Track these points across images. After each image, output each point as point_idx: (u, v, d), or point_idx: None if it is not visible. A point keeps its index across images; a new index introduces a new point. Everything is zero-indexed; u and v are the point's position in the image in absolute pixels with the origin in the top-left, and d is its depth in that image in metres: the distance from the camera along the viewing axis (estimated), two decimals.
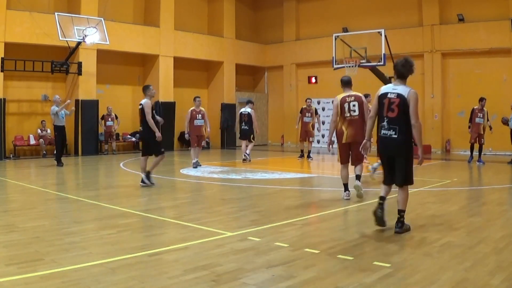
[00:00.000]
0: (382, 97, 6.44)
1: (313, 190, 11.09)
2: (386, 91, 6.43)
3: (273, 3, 27.35)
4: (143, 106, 10.76)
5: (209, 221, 7.33)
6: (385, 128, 6.40)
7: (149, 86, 11.24)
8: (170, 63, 22.68)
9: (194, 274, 4.69)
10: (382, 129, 6.45)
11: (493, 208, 8.40)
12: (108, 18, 19.76)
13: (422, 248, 5.63)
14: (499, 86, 19.96)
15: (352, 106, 8.90)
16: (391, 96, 6.34)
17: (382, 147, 6.56)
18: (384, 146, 6.52)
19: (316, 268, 4.88)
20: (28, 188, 11.04)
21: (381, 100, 6.45)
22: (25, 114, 19.08)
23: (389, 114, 6.34)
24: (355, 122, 8.91)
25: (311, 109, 17.65)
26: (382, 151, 6.63)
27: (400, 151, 6.37)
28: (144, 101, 10.84)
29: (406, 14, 22.41)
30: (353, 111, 8.90)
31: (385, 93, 6.44)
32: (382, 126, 6.45)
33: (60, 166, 15.28)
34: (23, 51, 18.38)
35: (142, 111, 10.80)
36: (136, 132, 22.60)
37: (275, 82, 27.55)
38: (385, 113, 6.38)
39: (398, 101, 6.26)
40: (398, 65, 6.50)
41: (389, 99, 6.36)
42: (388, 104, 6.34)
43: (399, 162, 6.40)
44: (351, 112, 8.91)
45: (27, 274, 4.61)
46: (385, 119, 6.38)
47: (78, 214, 7.94)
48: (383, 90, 6.53)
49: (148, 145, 11.01)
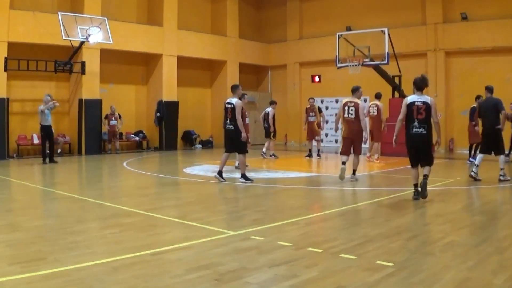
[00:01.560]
0: (411, 105, 8.62)
1: (316, 189, 11.07)
2: (413, 100, 8.63)
3: (277, 2, 27.32)
4: (235, 106, 11.01)
5: (212, 220, 7.33)
6: (416, 127, 8.56)
7: (238, 86, 11.59)
8: (173, 63, 22.68)
9: (197, 273, 4.69)
10: (414, 128, 8.58)
11: (496, 207, 8.39)
12: (112, 17, 19.77)
13: (425, 247, 5.62)
14: (502, 85, 19.85)
15: (350, 110, 11.26)
16: (418, 104, 8.56)
17: (412, 140, 8.66)
18: (414, 139, 8.63)
19: (319, 267, 4.88)
20: (31, 188, 11.06)
21: (410, 107, 8.64)
22: (29, 114, 19.10)
23: (419, 116, 8.53)
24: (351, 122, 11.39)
25: (314, 108, 17.71)
26: (411, 143, 8.70)
27: (428, 142, 8.64)
28: (235, 100, 11.13)
29: (410, 13, 22.36)
30: (351, 114, 11.27)
31: (412, 102, 8.65)
32: (413, 126, 8.58)
33: (45, 164, 15.54)
34: (26, 50, 18.41)
35: (233, 110, 11.01)
36: (140, 131, 22.66)
37: (279, 81, 27.54)
38: (415, 116, 8.55)
39: (425, 107, 8.50)
40: (417, 81, 8.77)
41: (417, 106, 8.56)
42: (417, 110, 8.53)
43: (425, 150, 8.66)
44: (349, 115, 11.35)
45: (30, 273, 4.62)
46: (416, 120, 8.55)
47: (81, 213, 7.95)
48: (410, 99, 8.72)
49: (234, 143, 11.22)
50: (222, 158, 11.49)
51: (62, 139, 19.57)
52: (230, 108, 11.11)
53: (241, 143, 11.13)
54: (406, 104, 8.71)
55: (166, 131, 22.40)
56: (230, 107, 11.11)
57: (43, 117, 15.78)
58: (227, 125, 11.19)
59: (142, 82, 23.21)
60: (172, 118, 22.48)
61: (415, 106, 8.58)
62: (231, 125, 11.10)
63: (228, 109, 11.11)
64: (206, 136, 24.47)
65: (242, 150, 11.27)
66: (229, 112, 11.11)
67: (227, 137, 11.45)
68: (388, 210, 8.35)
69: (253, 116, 26.79)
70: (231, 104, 11.12)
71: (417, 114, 8.55)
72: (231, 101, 11.11)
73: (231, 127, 11.12)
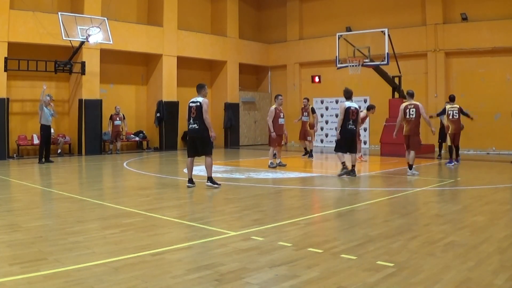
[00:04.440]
0: (348, 109, 12.29)
1: (316, 190, 11.08)
2: (406, 104, 12.69)
3: (277, 2, 27.35)
4: (201, 104, 10.26)
5: (212, 220, 7.33)
6: (351, 124, 12.36)
7: (204, 85, 10.74)
8: (173, 63, 22.70)
9: (197, 274, 4.68)
10: (349, 125, 12.33)
11: (496, 207, 8.38)
12: (112, 17, 19.79)
13: (425, 247, 5.62)
14: (502, 86, 19.92)
15: (411, 111, 12.74)
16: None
17: (348, 133, 12.38)
18: (349, 133, 12.40)
19: (319, 268, 4.87)
20: (31, 188, 11.06)
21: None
22: (29, 114, 19.11)
23: (352, 117, 12.34)
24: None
25: (308, 108, 17.65)
26: (346, 135, 12.36)
27: (355, 134, 12.62)
28: (202, 99, 10.36)
29: (410, 13, 22.39)
30: (412, 114, 12.69)
31: (349, 107, 12.34)
32: (348, 123, 12.34)
33: (42, 163, 15.67)
34: (26, 50, 18.43)
35: (198, 108, 10.25)
36: (140, 132, 22.66)
37: (279, 81, 27.55)
38: (350, 117, 12.31)
39: (356, 111, 12.46)
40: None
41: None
42: (351, 112, 12.31)
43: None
44: (410, 116, 12.71)
45: (30, 273, 4.61)
46: (350, 120, 12.33)
47: (81, 213, 7.94)
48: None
49: (198, 145, 10.40)
50: (188, 165, 10.62)
51: (62, 139, 19.57)
52: (195, 107, 10.28)
53: (206, 144, 10.37)
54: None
55: (166, 132, 22.42)
56: (195, 105, 10.28)
57: (43, 116, 15.78)
58: (190, 125, 10.39)
59: (142, 82, 23.22)
60: (172, 118, 22.49)
61: (351, 110, 12.29)
62: (195, 125, 10.28)
63: (192, 108, 10.33)
64: None
65: (208, 152, 10.42)
66: (193, 111, 10.29)
67: (190, 139, 10.55)
68: (388, 210, 8.35)
69: (252, 116, 26.83)
70: (196, 103, 10.29)
71: (351, 116, 12.24)
72: (197, 99, 10.32)
73: (195, 126, 10.29)
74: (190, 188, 10.47)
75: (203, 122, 10.23)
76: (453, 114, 15.08)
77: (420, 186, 10.77)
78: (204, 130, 10.26)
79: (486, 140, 20.22)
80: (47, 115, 15.95)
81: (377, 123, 21.07)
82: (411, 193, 9.97)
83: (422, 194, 9.90)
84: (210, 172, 10.54)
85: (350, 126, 12.26)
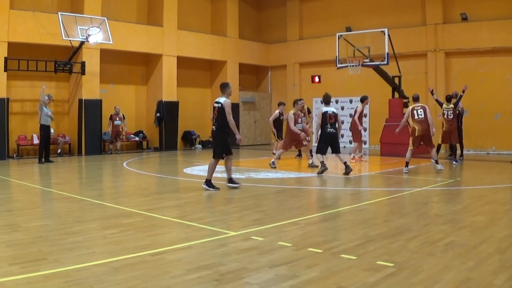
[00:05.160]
0: (325, 113, 12.65)
1: (316, 190, 11.08)
2: (326, 110, 12.69)
3: (277, 2, 27.34)
4: (223, 105, 10.40)
5: (212, 220, 7.33)
6: (329, 127, 12.65)
7: (228, 84, 11.07)
8: (173, 63, 22.70)
9: (197, 274, 4.68)
10: (328, 129, 12.65)
11: (496, 207, 8.38)
12: (112, 17, 19.79)
13: (425, 247, 5.62)
14: (502, 86, 19.92)
15: (419, 112, 13.19)
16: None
17: (328, 137, 12.72)
18: (329, 136, 12.72)
19: (319, 268, 4.87)
20: (31, 188, 11.06)
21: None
22: (29, 114, 19.11)
23: (330, 121, 12.59)
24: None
25: (304, 109, 17.51)
26: (326, 140, 12.74)
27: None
28: (224, 99, 10.54)
29: (410, 13, 22.38)
30: (420, 115, 13.13)
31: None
32: (327, 127, 12.65)
33: (41, 163, 15.72)
34: (26, 50, 18.43)
35: (220, 110, 10.37)
36: (140, 132, 22.65)
37: (279, 81, 27.55)
38: (327, 121, 12.59)
39: (334, 115, 12.71)
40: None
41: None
42: (329, 116, 12.60)
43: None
44: (419, 116, 13.14)
45: (30, 273, 4.61)
46: (328, 123, 12.61)
47: (81, 213, 7.94)
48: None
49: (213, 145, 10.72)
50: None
51: (62, 139, 19.57)
52: (217, 108, 10.33)
53: (218, 146, 10.42)
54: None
55: (166, 132, 22.41)
56: (217, 106, 10.33)
57: (43, 116, 15.79)
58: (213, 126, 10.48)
59: (142, 82, 23.23)
60: (172, 118, 22.49)
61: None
62: (213, 126, 10.45)
63: (214, 108, 10.35)
64: (206, 136, 24.41)
65: (216, 154, 10.39)
66: (215, 112, 10.36)
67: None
68: (388, 210, 8.35)
69: (252, 116, 26.82)
70: (218, 104, 10.35)
71: (329, 119, 12.53)
72: (220, 100, 10.34)
73: (213, 128, 10.49)
74: (206, 190, 10.20)
75: (221, 124, 10.28)
76: (448, 114, 15.58)
77: (420, 186, 10.76)
78: (218, 131, 10.34)
79: (486, 140, 20.21)
80: (45, 114, 15.94)
81: (377, 123, 21.08)
82: (411, 193, 9.97)
83: (422, 194, 9.90)
84: (209, 175, 10.37)
85: (329, 129, 12.60)
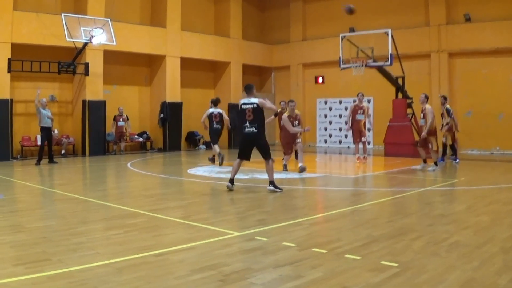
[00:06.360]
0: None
1: (320, 190, 11.07)
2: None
3: (280, 3, 27.34)
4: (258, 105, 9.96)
5: (216, 221, 7.33)
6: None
7: (253, 86, 10.42)
8: (177, 64, 22.72)
9: (201, 274, 4.68)
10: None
11: (500, 207, 8.36)
12: (115, 18, 19.79)
13: (429, 247, 5.61)
14: (506, 86, 19.88)
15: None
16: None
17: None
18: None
19: (323, 268, 4.87)
20: (35, 189, 11.08)
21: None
22: (32, 115, 19.06)
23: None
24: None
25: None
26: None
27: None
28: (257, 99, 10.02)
29: (413, 14, 22.36)
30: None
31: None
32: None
33: (38, 165, 15.53)
34: (30, 52, 18.45)
35: (255, 110, 9.97)
36: (144, 132, 22.68)
37: (282, 82, 27.54)
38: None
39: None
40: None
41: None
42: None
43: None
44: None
45: (34, 274, 4.62)
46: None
47: (85, 214, 7.95)
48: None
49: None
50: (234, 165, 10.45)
51: (66, 140, 19.60)
52: (251, 109, 9.91)
53: (267, 146, 10.17)
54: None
55: (170, 132, 22.43)
56: (252, 107, 9.91)
57: (42, 119, 15.71)
58: (246, 128, 9.97)
59: (145, 83, 23.26)
60: (175, 119, 22.51)
61: (214, 115, 11.22)
62: (253, 128, 9.94)
63: (246, 110, 9.94)
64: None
65: (269, 155, 10.18)
66: (249, 113, 9.92)
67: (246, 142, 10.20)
68: (392, 210, 8.34)
69: None
70: (253, 104, 9.92)
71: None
72: (252, 100, 9.90)
73: (252, 130, 9.95)
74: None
75: (261, 124, 9.99)
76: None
77: (423, 186, 10.75)
78: (261, 132, 10.02)
79: (490, 140, 20.18)
80: (44, 117, 15.84)
81: (381, 123, 21.03)
82: (415, 193, 9.95)
83: (425, 194, 9.88)
84: (271, 176, 10.11)
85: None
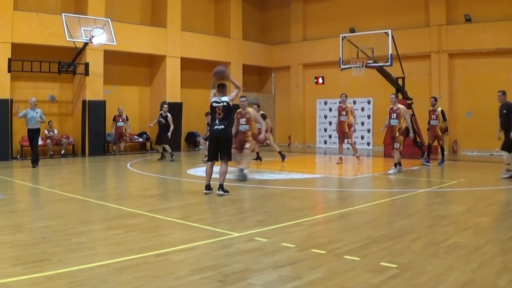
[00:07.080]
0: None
1: (319, 191, 11.07)
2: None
3: (280, 3, 27.35)
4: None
5: (215, 221, 7.34)
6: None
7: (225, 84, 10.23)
8: (177, 64, 22.72)
9: (200, 275, 4.68)
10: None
11: (500, 208, 8.37)
12: (115, 19, 19.80)
13: (429, 248, 5.61)
14: (506, 87, 19.77)
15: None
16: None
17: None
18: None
19: (322, 269, 4.87)
20: (35, 189, 11.09)
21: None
22: None
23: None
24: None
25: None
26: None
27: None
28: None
29: (413, 14, 22.35)
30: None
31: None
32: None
33: (34, 168, 15.05)
34: (30, 51, 18.45)
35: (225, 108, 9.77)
36: (143, 133, 22.67)
37: (282, 82, 27.55)
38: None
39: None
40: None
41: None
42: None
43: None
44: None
45: (33, 274, 4.62)
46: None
47: (85, 214, 7.95)
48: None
49: None
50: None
51: (65, 140, 19.59)
52: (221, 107, 9.70)
53: (230, 147, 9.93)
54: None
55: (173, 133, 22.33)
56: (223, 105, 9.70)
57: (29, 121, 15.16)
58: (215, 126, 9.66)
59: (145, 83, 23.25)
60: (175, 119, 22.43)
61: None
62: (222, 126, 9.64)
63: (216, 107, 9.70)
64: None
65: (230, 156, 9.88)
66: (219, 111, 9.69)
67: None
68: (391, 211, 8.34)
69: None
70: (223, 102, 9.72)
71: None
72: (223, 99, 9.70)
73: (220, 127, 9.63)
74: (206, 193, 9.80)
75: (230, 123, 10.10)
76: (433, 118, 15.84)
77: (423, 187, 10.75)
78: (229, 131, 9.85)
79: (490, 141, 20.11)
80: (30, 119, 15.17)
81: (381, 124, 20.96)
82: (414, 194, 9.96)
83: (425, 195, 9.89)
84: (222, 180, 9.72)
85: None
